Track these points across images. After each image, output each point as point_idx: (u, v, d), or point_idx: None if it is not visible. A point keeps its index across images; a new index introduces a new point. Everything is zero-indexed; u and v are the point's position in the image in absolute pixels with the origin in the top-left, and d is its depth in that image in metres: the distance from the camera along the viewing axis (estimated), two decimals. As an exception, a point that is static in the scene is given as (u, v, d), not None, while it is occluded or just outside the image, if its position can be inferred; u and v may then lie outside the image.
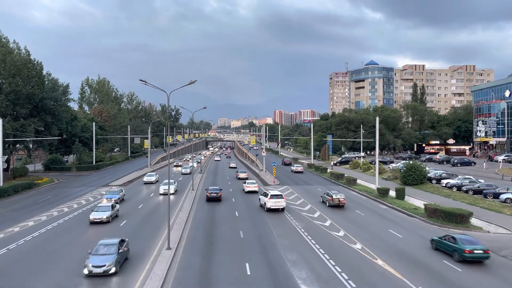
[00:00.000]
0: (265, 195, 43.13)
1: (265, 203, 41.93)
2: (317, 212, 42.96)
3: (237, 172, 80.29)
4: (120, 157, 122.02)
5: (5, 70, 65.85)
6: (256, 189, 57.20)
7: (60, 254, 27.35)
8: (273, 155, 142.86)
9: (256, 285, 21.92)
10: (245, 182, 60.48)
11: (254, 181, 62.37)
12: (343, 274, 23.50)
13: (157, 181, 69.14)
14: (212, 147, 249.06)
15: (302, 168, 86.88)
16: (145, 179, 68.80)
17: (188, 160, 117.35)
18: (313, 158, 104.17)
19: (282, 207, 41.68)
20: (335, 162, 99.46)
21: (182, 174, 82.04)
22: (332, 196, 45.50)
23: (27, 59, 70.69)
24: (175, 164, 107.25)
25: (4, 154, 62.81)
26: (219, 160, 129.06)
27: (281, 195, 43.01)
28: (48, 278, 22.69)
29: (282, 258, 26.60)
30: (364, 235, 33.02)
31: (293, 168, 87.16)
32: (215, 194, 49.23)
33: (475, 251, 25.54)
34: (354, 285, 21.89)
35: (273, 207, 41.51)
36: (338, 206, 44.96)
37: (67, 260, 25.94)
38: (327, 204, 46.26)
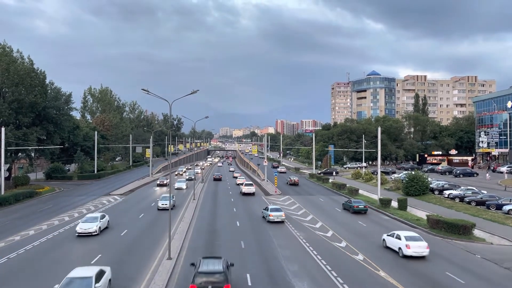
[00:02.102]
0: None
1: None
2: (318, 222, 42.82)
3: (236, 178, 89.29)
4: (122, 166, 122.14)
5: (8, 79, 66.28)
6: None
7: (60, 263, 27.24)
8: (274, 164, 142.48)
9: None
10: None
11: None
12: (345, 285, 23.32)
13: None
14: (212, 156, 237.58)
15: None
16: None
17: (182, 174, 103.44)
18: (315, 168, 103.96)
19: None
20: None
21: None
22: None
23: (30, 68, 71.12)
24: (158, 182, 79.03)
25: (6, 162, 62.99)
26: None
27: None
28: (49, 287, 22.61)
29: (284, 268, 26.44)
30: (366, 246, 32.85)
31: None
32: None
33: (359, 206, 48.06)
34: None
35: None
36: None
37: (66, 269, 25.81)
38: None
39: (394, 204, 51.43)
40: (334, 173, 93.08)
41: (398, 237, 30.51)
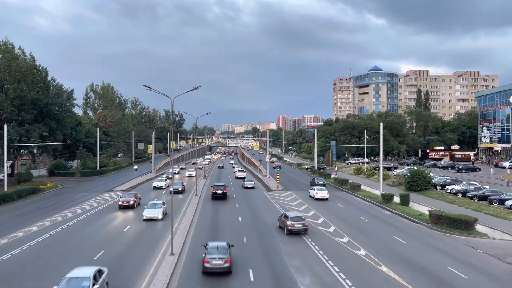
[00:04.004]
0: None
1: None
2: (320, 218, 42.86)
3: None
4: (124, 163, 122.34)
5: (11, 76, 66.29)
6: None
7: (62, 260, 27.35)
8: (276, 160, 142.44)
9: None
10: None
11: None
12: (347, 280, 23.39)
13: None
14: (213, 153, 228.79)
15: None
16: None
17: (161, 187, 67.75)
18: (317, 163, 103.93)
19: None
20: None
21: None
22: None
23: (32, 65, 71.13)
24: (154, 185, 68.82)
25: (8, 159, 63.17)
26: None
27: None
28: (51, 284, 22.70)
29: (286, 264, 26.50)
30: (368, 241, 32.87)
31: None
32: None
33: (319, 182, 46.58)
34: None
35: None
36: None
37: (70, 266, 25.92)
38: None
39: (396, 199, 51.37)
40: (321, 169, 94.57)
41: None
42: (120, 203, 47.53)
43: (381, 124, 60.00)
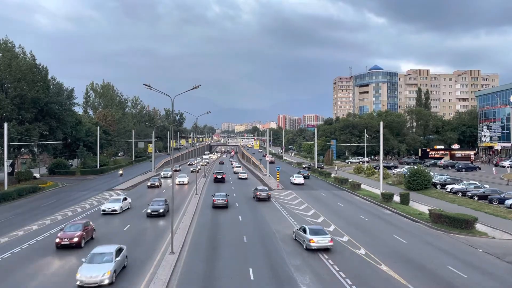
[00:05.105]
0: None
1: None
2: (320, 217, 42.91)
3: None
4: (124, 161, 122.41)
5: (11, 74, 66.34)
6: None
7: (64, 259, 27.40)
8: (276, 159, 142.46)
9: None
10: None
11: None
12: (347, 279, 23.43)
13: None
14: (212, 152, 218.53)
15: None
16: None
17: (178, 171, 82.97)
18: (317, 162, 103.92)
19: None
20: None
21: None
22: None
23: (32, 64, 71.20)
24: (150, 183, 68.62)
25: (9, 158, 63.23)
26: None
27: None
28: (49, 283, 22.75)
29: (286, 263, 26.57)
30: (368, 240, 32.92)
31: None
32: None
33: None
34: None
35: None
36: None
37: (70, 264, 25.99)
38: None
39: (396, 198, 51.37)
40: (319, 168, 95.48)
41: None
42: (58, 240, 29.32)
43: (381, 123, 59.96)
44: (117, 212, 43.73)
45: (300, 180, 73.06)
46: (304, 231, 30.20)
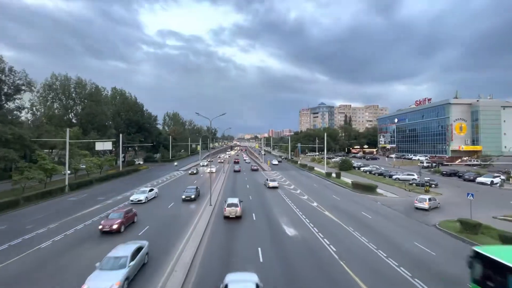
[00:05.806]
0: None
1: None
2: (292, 185, 42.13)
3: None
4: (185, 155, 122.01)
5: (123, 108, 66.62)
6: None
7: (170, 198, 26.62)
8: (268, 154, 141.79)
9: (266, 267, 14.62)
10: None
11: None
12: (306, 219, 23.48)
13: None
14: (232, 150, 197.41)
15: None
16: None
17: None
18: (289, 155, 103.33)
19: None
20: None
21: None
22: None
23: (134, 101, 71.35)
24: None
25: (122, 153, 63.13)
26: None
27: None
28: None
29: (265, 194, 26.46)
30: (318, 198, 32.68)
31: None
32: None
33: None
34: (312, 225, 21.86)
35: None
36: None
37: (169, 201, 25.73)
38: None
39: (334, 175, 51.06)
40: (291, 158, 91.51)
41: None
42: (101, 227, 19.67)
43: (325, 134, 59.92)
44: (142, 201, 28.84)
45: (276, 162, 75.34)
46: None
